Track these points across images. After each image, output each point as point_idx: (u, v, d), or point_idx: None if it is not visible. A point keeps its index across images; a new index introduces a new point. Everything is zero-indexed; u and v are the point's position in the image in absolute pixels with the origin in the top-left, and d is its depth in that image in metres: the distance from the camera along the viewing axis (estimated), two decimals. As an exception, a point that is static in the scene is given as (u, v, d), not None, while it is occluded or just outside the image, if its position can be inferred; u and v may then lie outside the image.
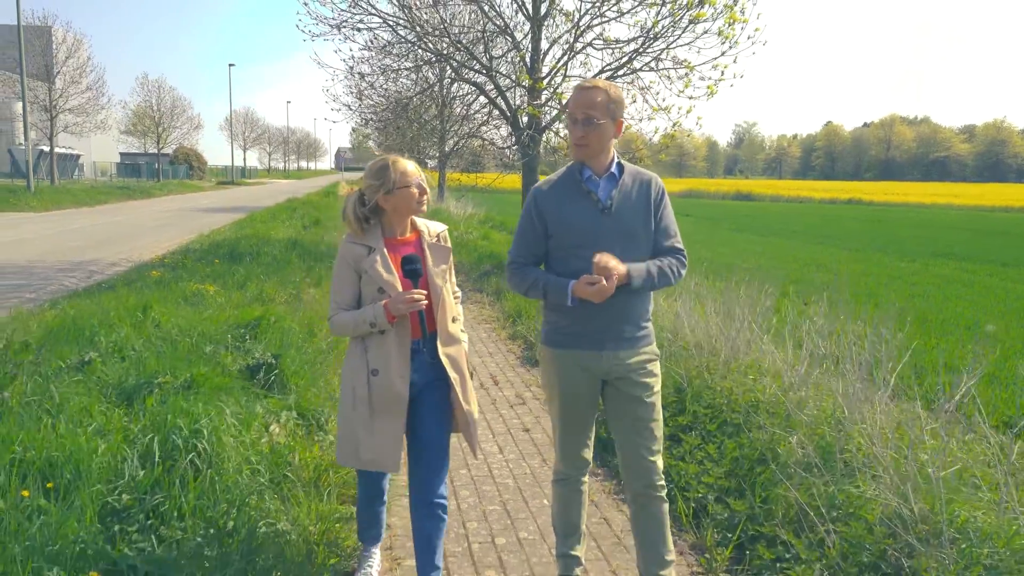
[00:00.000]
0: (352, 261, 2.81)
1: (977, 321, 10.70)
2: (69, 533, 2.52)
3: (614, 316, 2.78)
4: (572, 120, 2.77)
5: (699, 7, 11.19)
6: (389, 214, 2.85)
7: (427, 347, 2.87)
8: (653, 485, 2.85)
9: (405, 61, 14.93)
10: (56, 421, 3.34)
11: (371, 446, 2.76)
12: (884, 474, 3.22)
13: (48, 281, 10.93)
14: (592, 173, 2.81)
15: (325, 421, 4.53)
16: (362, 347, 2.81)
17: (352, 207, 2.84)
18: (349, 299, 2.83)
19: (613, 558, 3.51)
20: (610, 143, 2.80)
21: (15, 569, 2.28)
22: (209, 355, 4.93)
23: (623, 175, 2.82)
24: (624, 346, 2.82)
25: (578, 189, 2.81)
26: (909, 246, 24.28)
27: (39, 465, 2.95)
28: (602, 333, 2.80)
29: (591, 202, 2.78)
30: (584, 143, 2.75)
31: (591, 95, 2.72)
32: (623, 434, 2.88)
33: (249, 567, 2.75)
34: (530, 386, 6.32)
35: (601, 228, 2.76)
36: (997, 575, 2.64)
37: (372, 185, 2.80)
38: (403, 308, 2.70)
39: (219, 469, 3.22)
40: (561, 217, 2.80)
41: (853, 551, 2.98)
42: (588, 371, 2.84)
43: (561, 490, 3.06)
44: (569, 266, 2.77)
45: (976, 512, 2.99)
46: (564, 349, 2.86)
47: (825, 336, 4.89)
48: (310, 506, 3.45)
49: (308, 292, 8.91)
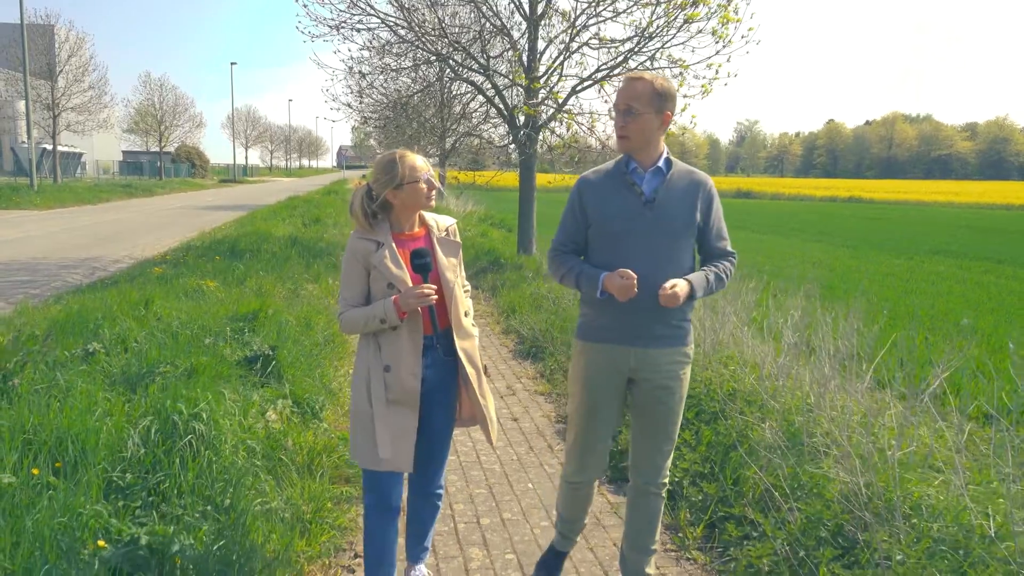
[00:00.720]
0: (361, 257, 2.74)
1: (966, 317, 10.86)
2: (77, 507, 2.71)
3: (648, 314, 2.74)
4: (616, 110, 2.74)
5: (693, 7, 11.36)
6: (397, 209, 2.79)
7: (440, 343, 2.85)
8: (656, 484, 2.92)
9: (404, 60, 15.11)
10: (63, 405, 3.53)
11: (387, 443, 2.70)
12: (844, 457, 3.39)
13: (52, 277, 11.13)
14: (638, 165, 2.77)
15: (320, 409, 4.72)
16: (375, 344, 2.76)
17: (360, 202, 2.78)
18: (358, 295, 2.77)
19: (591, 537, 3.68)
20: (656, 136, 2.74)
21: (27, 538, 2.47)
22: (208, 346, 5.12)
23: (671, 171, 2.78)
24: (654, 344, 2.79)
25: (623, 180, 2.79)
26: (906, 243, 24.42)
27: (48, 445, 3.15)
28: (634, 329, 2.77)
29: (634, 194, 2.76)
30: (624, 134, 2.72)
31: (635, 85, 2.68)
32: (639, 431, 2.91)
33: (245, 541, 2.93)
34: (520, 378, 6.51)
35: (642, 221, 2.73)
36: (944, 546, 2.82)
37: (381, 180, 2.75)
38: (413, 303, 2.65)
39: (217, 450, 3.41)
40: (602, 207, 2.79)
41: (812, 526, 3.17)
42: (615, 366, 2.82)
43: (568, 491, 3.06)
44: (606, 257, 2.77)
45: (929, 490, 3.17)
46: (595, 342, 2.85)
47: (802, 328, 5.07)
48: (303, 486, 3.64)
49: (307, 288, 9.10)
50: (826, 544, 3.05)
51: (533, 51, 12.75)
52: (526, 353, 7.28)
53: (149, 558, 2.57)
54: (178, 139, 61.33)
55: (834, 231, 29.36)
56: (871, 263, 18.62)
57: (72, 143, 49.43)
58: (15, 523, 2.47)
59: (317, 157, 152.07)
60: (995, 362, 7.59)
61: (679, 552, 3.55)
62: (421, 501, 3.01)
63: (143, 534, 2.63)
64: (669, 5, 11.53)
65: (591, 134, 13.24)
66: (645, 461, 2.91)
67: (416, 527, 3.06)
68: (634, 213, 2.74)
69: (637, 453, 2.93)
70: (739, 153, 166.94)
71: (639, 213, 2.74)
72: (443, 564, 3.39)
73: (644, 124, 2.68)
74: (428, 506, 3.03)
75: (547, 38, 12.93)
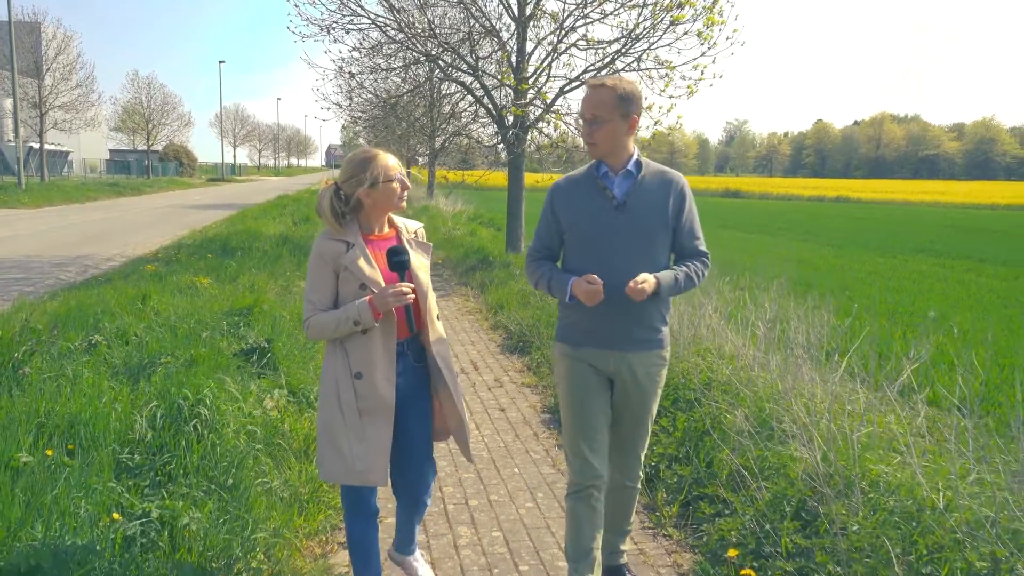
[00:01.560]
0: (330, 259, 2.63)
1: (945, 313, 11.12)
2: (92, 484, 2.90)
3: (627, 317, 2.76)
4: (582, 119, 2.76)
5: (679, 9, 11.60)
6: (368, 209, 2.70)
7: (411, 349, 2.78)
8: (631, 478, 3.04)
9: (394, 61, 15.28)
10: (73, 392, 3.72)
11: (361, 455, 2.60)
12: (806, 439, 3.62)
13: (45, 275, 11.26)
14: (609, 169, 2.79)
15: (314, 399, 4.92)
16: (342, 350, 2.65)
17: (329, 202, 2.66)
18: (326, 299, 2.65)
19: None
20: (624, 140, 2.75)
21: (47, 511, 2.66)
22: (206, 340, 5.30)
23: (641, 172, 2.79)
24: (632, 348, 2.80)
25: (594, 185, 2.80)
26: (890, 242, 24.67)
27: (61, 429, 3.34)
28: (613, 333, 2.78)
29: (605, 198, 2.76)
30: (592, 141, 2.73)
31: (598, 94, 2.69)
32: (615, 431, 2.93)
33: (248, 517, 3.13)
34: (508, 371, 6.72)
35: (614, 224, 2.74)
36: (897, 518, 3.05)
37: (353, 179, 2.65)
38: (391, 302, 2.56)
39: (220, 434, 3.61)
40: (575, 212, 2.79)
41: (777, 502, 3.40)
42: (596, 369, 2.83)
43: (574, 505, 2.90)
44: (580, 261, 2.78)
45: (887, 469, 3.40)
46: (575, 346, 2.86)
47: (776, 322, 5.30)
48: (300, 469, 3.84)
49: (299, 285, 9.28)
50: (789, 517, 3.28)
51: (522, 52, 12.95)
52: (513, 348, 7.49)
53: (160, 529, 2.77)
54: (166, 138, 61.22)
55: (820, 230, 29.60)
56: (855, 261, 18.85)
57: (59, 141, 49.27)
58: (35, 498, 2.65)
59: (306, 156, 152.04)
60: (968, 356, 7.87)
61: (656, 530, 3.77)
62: (410, 506, 2.95)
63: (154, 508, 2.83)
64: (655, 7, 11.75)
65: (579, 134, 13.46)
66: (622, 460, 2.99)
67: (404, 525, 3.03)
68: (606, 217, 2.75)
69: (614, 453, 2.97)
70: (728, 153, 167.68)
71: (611, 216, 2.75)
72: (433, 541, 3.60)
73: (611, 130, 2.70)
74: (416, 511, 2.98)
75: (535, 39, 13.15)
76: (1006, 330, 9.96)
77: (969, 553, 2.76)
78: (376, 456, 2.62)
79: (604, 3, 12.16)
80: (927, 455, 3.59)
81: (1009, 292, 14.09)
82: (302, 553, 3.26)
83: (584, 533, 2.88)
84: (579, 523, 2.89)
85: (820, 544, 3.06)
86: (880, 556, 2.88)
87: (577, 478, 2.90)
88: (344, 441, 2.61)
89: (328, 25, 12.70)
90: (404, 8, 12.92)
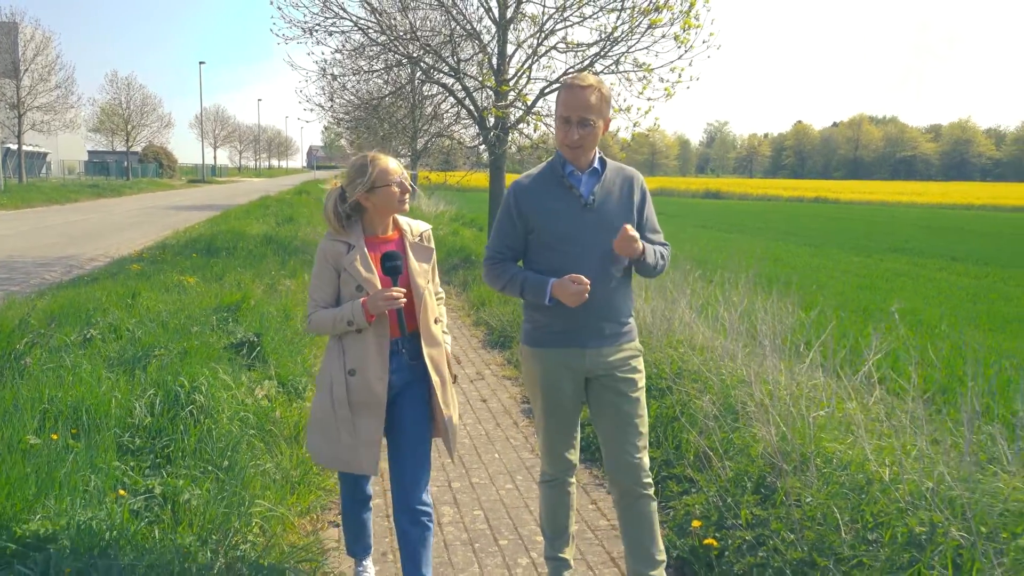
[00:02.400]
0: (331, 259, 2.73)
1: (913, 310, 11.46)
2: (97, 463, 3.09)
3: (596, 313, 2.74)
4: (565, 121, 2.66)
5: (656, 12, 11.86)
6: (370, 212, 2.77)
7: (407, 347, 2.82)
8: (639, 483, 2.82)
9: (376, 63, 15.45)
10: (75, 380, 3.90)
11: (351, 447, 2.71)
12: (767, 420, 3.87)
13: (30, 275, 11.34)
14: (574, 168, 2.76)
15: (303, 390, 5.12)
16: (340, 346, 2.75)
17: (333, 204, 2.75)
18: (328, 297, 2.75)
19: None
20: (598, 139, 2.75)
21: (58, 487, 2.85)
22: (196, 334, 5.48)
23: (606, 170, 2.80)
24: (606, 343, 2.78)
25: (559, 184, 2.76)
26: (865, 242, 25.09)
27: (65, 415, 3.52)
28: (584, 331, 2.76)
29: (573, 197, 2.74)
30: (579, 145, 2.68)
31: (585, 96, 2.62)
32: (607, 432, 2.85)
33: (244, 494, 3.33)
34: (489, 365, 6.95)
35: (583, 223, 2.73)
36: (847, 490, 3.31)
37: (353, 182, 2.72)
38: (382, 305, 2.63)
39: (215, 420, 3.81)
40: (542, 212, 2.75)
41: (739, 479, 3.65)
42: (571, 369, 2.80)
43: (548, 492, 2.98)
44: (548, 262, 2.75)
45: (840, 447, 3.66)
46: (546, 348, 2.82)
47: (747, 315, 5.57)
48: (291, 453, 4.04)
49: (284, 283, 9.45)
50: (749, 492, 3.53)
51: (502, 54, 13.16)
52: (495, 343, 7.72)
53: (163, 504, 2.97)
54: (145, 139, 60.89)
55: (798, 230, 30.01)
56: (830, 260, 19.20)
57: (36, 143, 48.92)
58: (48, 476, 2.85)
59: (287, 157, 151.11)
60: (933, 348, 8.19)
61: (627, 508, 4.01)
62: (405, 518, 2.78)
63: (156, 484, 3.03)
64: (633, 11, 12.00)
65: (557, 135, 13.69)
66: (621, 462, 2.82)
67: (408, 552, 2.79)
68: (575, 216, 2.73)
69: (611, 457, 2.85)
70: (709, 154, 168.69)
71: (580, 216, 2.73)
72: (418, 519, 3.81)
73: (597, 133, 2.69)
74: (415, 525, 2.77)
75: (516, 42, 13.36)
76: (972, 324, 10.31)
77: (910, 520, 3.01)
78: (365, 447, 2.71)
79: (583, 6, 12.41)
80: (881, 436, 3.85)
81: (978, 289, 14.49)
82: (295, 528, 3.47)
83: (559, 513, 3.00)
84: (554, 507, 3.00)
85: (776, 514, 3.31)
86: (829, 524, 3.13)
87: (551, 470, 2.95)
88: (334, 432, 2.73)
89: (311, 27, 12.85)
90: (386, 11, 13.10)
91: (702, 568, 3.30)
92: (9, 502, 2.59)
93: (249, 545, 3.03)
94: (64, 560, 2.37)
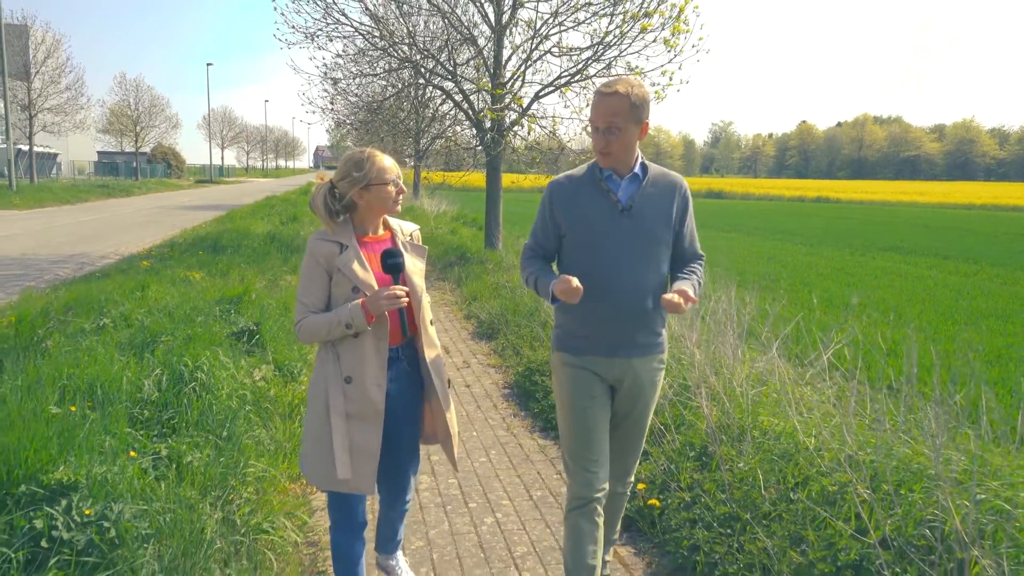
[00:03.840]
0: (323, 259, 2.57)
1: (896, 307, 11.82)
2: (112, 429, 3.52)
3: (630, 323, 2.70)
4: (595, 129, 2.62)
5: (646, 18, 12.25)
6: (362, 211, 2.64)
7: (405, 355, 2.73)
8: (624, 483, 2.99)
9: (377, 67, 15.89)
10: (89, 361, 4.34)
11: (346, 463, 2.54)
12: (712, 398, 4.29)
13: (43, 271, 11.82)
14: (613, 172, 2.70)
15: (297, 373, 5.56)
16: (333, 353, 2.58)
17: (323, 199, 2.61)
18: (319, 301, 2.59)
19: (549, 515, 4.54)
20: (636, 145, 2.68)
21: (77, 446, 3.27)
22: (200, 323, 5.92)
23: (647, 176, 2.72)
24: (636, 354, 2.74)
25: (596, 187, 2.70)
26: (861, 241, 25.29)
27: (82, 390, 3.96)
28: (616, 339, 2.71)
29: (609, 202, 2.68)
30: (607, 151, 2.63)
31: (614, 103, 2.56)
32: (614, 437, 2.86)
33: (241, 458, 3.76)
34: (476, 354, 7.37)
35: (618, 229, 2.66)
36: (776, 456, 3.72)
37: (348, 178, 2.60)
38: (384, 305, 2.48)
39: (216, 395, 4.24)
40: (575, 214, 2.70)
41: (685, 449, 4.06)
42: (600, 377, 2.76)
43: (577, 521, 2.74)
44: (581, 265, 2.69)
45: (776, 420, 4.07)
46: (576, 355, 2.77)
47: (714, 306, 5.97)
48: (284, 427, 4.47)
49: (285, 279, 9.91)
50: (692, 460, 3.95)
51: (498, 58, 13.58)
52: (483, 335, 8.15)
53: (169, 465, 3.40)
54: (154, 140, 61.49)
55: (796, 229, 30.21)
56: (823, 259, 19.42)
57: (47, 144, 49.54)
58: (70, 440, 3.28)
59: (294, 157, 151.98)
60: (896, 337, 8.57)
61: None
62: (390, 510, 2.98)
63: (163, 448, 3.46)
64: (625, 16, 12.39)
65: (553, 137, 14.11)
66: (618, 465, 2.90)
67: (385, 527, 3.04)
68: (611, 221, 2.66)
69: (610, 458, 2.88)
70: (714, 154, 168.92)
71: (616, 221, 2.66)
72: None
73: (627, 139, 2.61)
74: (397, 513, 3.01)
75: (511, 46, 13.78)
76: (950, 320, 10.66)
77: (825, 480, 3.42)
78: (363, 464, 2.57)
79: (577, 12, 12.81)
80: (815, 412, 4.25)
81: (962, 286, 14.75)
82: (286, 491, 3.89)
83: (587, 550, 2.74)
84: (582, 539, 2.73)
85: (711, 477, 3.73)
86: (755, 484, 3.54)
87: (582, 491, 2.74)
88: (329, 447, 2.55)
89: (313, 33, 13.29)
90: (386, 17, 13.53)
91: (646, 525, 3.72)
92: (36, 457, 3.01)
93: (244, 500, 3.45)
94: (83, 503, 2.80)
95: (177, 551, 2.83)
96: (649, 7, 12.09)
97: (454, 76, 13.95)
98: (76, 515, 2.75)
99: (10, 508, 2.79)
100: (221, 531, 3.08)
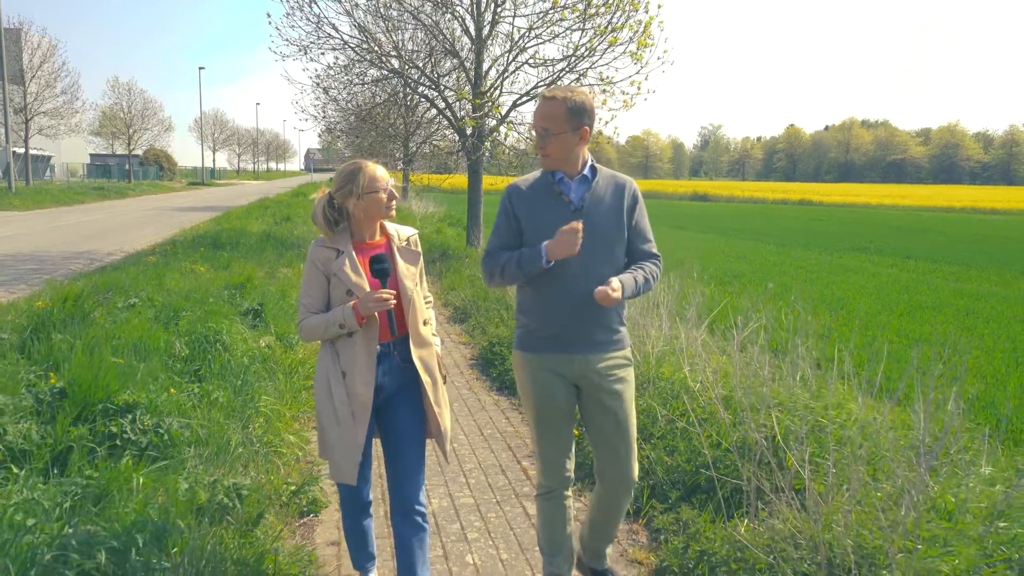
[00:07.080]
0: (321, 264, 2.77)
1: (843, 299, 12.81)
2: (156, 373, 4.59)
3: (586, 320, 2.77)
4: (535, 130, 2.78)
5: (613, 33, 13.30)
6: (358, 218, 2.82)
7: (397, 350, 2.84)
8: (627, 488, 2.96)
9: (365, 76, 16.91)
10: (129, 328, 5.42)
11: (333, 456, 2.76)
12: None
13: (57, 266, 12.80)
14: (564, 175, 2.83)
15: (295, 343, 6.62)
16: (332, 350, 2.78)
17: (322, 210, 2.82)
18: (318, 302, 2.79)
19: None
20: (577, 150, 2.79)
21: (134, 384, 4.32)
22: (213, 303, 6.98)
23: (596, 178, 2.84)
24: (595, 350, 2.80)
25: (550, 190, 2.82)
26: (832, 242, 25.86)
27: (128, 346, 5.02)
28: (573, 336, 2.79)
29: (562, 203, 2.79)
30: (544, 152, 2.78)
31: (550, 108, 2.72)
32: (598, 439, 2.91)
33: (253, 402, 4.82)
34: (450, 335, 8.47)
35: None
36: (667, 395, 4.80)
37: (341, 189, 2.79)
38: (372, 307, 2.67)
39: (232, 354, 5.31)
40: (533, 216, 2.81)
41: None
42: (560, 375, 2.82)
43: (544, 505, 2.97)
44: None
45: (677, 372, 5.14)
46: (535, 353, 2.85)
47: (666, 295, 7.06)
48: (286, 381, 5.54)
49: (281, 271, 10.99)
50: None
51: (479, 70, 14.61)
52: (457, 318, 9.24)
53: (199, 400, 4.46)
54: (146, 142, 62.13)
55: (772, 231, 30.72)
56: (790, 258, 20.09)
57: (40, 146, 50.03)
58: (131, 374, 4.34)
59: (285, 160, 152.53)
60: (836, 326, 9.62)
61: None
62: (399, 519, 2.84)
63: (196, 387, 4.52)
64: (596, 30, 13.42)
65: (530, 142, 15.15)
66: (612, 468, 2.93)
67: (403, 552, 2.85)
68: (564, 221, 2.73)
69: (603, 463, 2.94)
70: (703, 157, 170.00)
71: (568, 221, 2.73)
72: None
73: (562, 142, 2.74)
74: (410, 525, 2.84)
75: (491, 58, 14.82)
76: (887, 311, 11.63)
77: (698, 410, 4.50)
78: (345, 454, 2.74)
79: (551, 26, 13.84)
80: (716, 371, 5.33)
81: (912, 283, 15.70)
82: (289, 423, 4.96)
83: (556, 528, 2.98)
84: (551, 521, 2.98)
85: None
86: (650, 415, 4.62)
87: (547, 481, 2.94)
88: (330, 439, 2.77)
89: (306, 46, 14.29)
90: (373, 31, 14.55)
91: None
92: (110, 386, 4.08)
93: (258, 425, 4.52)
94: (144, 416, 3.86)
95: (212, 452, 3.88)
96: (616, 23, 13.16)
97: (437, 85, 14.97)
98: (140, 424, 3.82)
99: (95, 418, 3.86)
100: (242, 442, 4.14)
